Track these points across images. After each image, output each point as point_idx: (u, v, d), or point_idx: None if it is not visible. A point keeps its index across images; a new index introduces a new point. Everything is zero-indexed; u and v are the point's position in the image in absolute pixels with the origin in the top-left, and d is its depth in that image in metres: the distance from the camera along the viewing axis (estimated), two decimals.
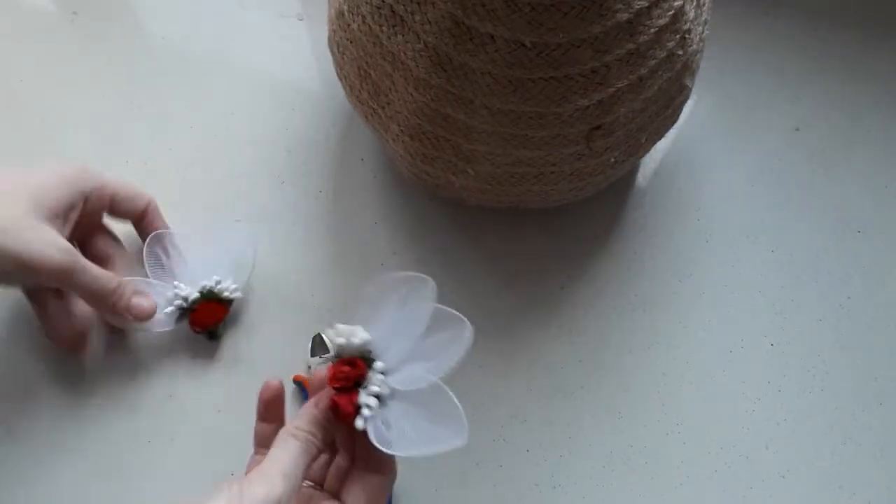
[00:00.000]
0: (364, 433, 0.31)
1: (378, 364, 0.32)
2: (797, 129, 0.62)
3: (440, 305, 0.32)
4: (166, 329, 0.51)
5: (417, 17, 0.40)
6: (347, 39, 0.46)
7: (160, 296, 0.51)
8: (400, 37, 0.41)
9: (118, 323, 0.50)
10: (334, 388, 0.32)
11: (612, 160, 0.47)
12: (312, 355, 0.49)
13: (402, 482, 0.47)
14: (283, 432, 0.32)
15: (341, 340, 0.33)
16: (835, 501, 0.48)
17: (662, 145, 0.59)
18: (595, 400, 0.51)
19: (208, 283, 0.51)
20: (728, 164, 0.60)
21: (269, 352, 0.53)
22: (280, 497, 0.27)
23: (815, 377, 0.52)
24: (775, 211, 0.58)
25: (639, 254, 0.56)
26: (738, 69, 0.64)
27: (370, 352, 0.33)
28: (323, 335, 0.50)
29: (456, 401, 0.31)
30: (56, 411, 0.51)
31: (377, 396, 0.32)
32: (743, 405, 0.51)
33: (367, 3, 0.42)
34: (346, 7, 0.45)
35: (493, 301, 0.54)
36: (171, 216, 0.58)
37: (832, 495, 0.48)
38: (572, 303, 0.54)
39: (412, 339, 0.32)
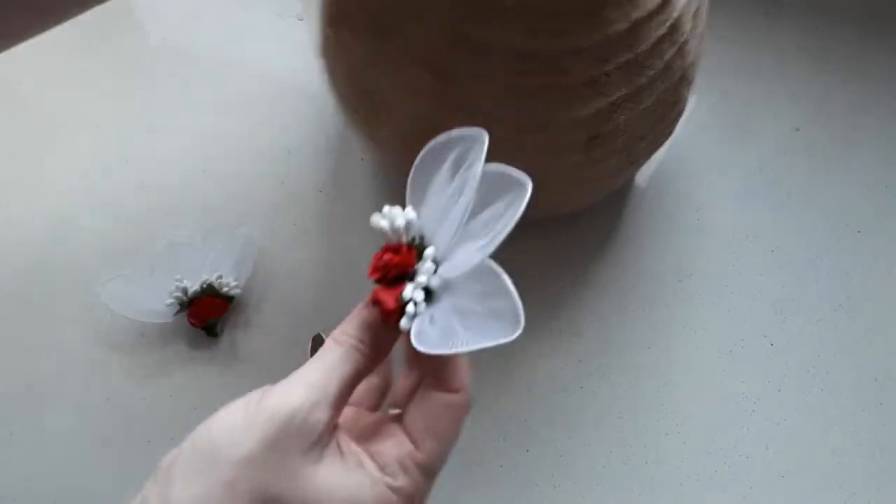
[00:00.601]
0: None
1: (428, 251, 0.26)
2: (797, 129, 0.62)
3: (490, 166, 0.25)
4: (165, 321, 0.52)
5: (414, 25, 0.39)
6: (340, 48, 0.46)
7: (162, 289, 0.51)
8: (396, 44, 0.41)
9: None
10: (375, 282, 0.26)
11: (610, 170, 0.47)
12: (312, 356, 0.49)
13: None
14: (327, 340, 0.26)
15: (383, 223, 0.27)
16: (835, 501, 0.48)
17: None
18: (595, 400, 0.51)
19: (210, 278, 0.52)
20: (728, 164, 0.60)
21: (269, 351, 0.53)
22: (297, 408, 0.22)
23: (815, 377, 0.52)
24: (775, 211, 0.58)
25: (639, 254, 0.56)
26: (738, 69, 0.64)
27: (421, 237, 0.27)
28: (322, 335, 0.50)
29: (510, 285, 0.24)
30: (57, 412, 0.51)
31: (427, 289, 0.26)
32: (743, 405, 0.51)
33: (361, 9, 0.42)
34: (339, 14, 0.45)
35: None
36: (172, 216, 0.58)
37: (832, 495, 0.48)
38: (572, 303, 0.54)
39: (462, 215, 0.26)
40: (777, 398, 0.51)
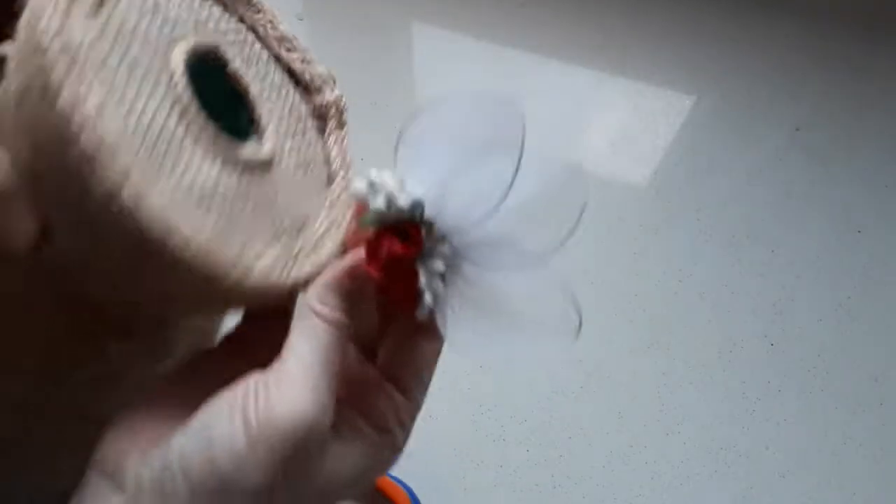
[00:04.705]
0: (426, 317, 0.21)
1: (441, 230, 0.21)
2: (797, 129, 0.62)
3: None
4: None
5: None
6: None
7: None
8: None
9: None
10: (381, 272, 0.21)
11: None
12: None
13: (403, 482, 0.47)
14: (309, 311, 0.21)
15: (379, 203, 0.21)
16: (835, 501, 0.48)
17: (662, 145, 0.59)
18: (595, 400, 0.51)
19: None
20: (728, 163, 0.60)
21: None
22: (311, 425, 0.19)
23: (815, 377, 0.52)
24: (775, 211, 0.58)
25: (639, 254, 0.56)
26: (738, 69, 0.64)
27: (422, 210, 0.22)
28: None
29: (570, 288, 0.21)
30: None
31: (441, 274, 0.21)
32: (743, 405, 0.51)
33: None
34: None
35: None
36: None
37: (832, 495, 0.48)
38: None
39: (500, 196, 0.20)
40: (777, 398, 0.51)
